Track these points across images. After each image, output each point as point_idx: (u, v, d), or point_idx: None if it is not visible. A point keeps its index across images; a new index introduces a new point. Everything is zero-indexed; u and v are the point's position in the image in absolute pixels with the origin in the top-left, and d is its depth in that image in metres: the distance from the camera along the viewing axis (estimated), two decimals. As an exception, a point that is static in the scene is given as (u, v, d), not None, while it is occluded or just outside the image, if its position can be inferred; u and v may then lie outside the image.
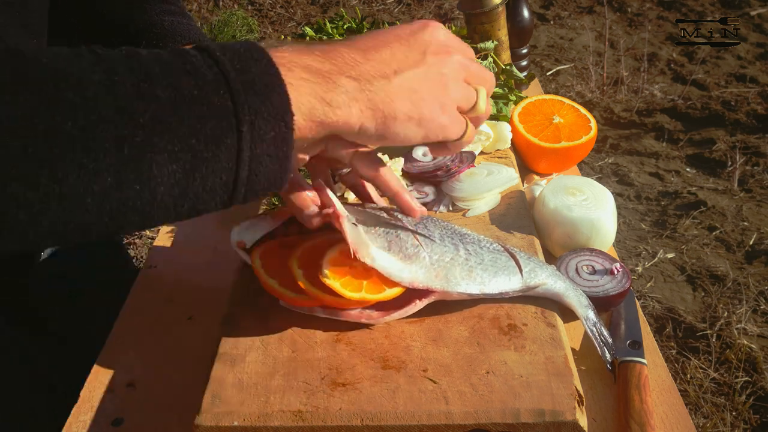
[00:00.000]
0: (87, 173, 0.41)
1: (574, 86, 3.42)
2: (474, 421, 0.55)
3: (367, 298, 0.62)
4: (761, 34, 3.91)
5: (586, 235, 0.79)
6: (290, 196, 0.63)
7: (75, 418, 0.66)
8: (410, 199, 0.68)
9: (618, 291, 0.73)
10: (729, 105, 3.22)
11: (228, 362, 0.61)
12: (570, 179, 0.85)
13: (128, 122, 0.41)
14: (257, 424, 0.56)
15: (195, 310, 0.80)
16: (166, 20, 0.84)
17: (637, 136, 3.08)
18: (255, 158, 0.46)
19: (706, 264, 2.34)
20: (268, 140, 0.46)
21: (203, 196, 0.46)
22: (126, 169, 0.42)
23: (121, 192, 0.42)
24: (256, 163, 0.46)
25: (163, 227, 0.96)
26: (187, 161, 0.44)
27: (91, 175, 0.41)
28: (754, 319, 2.12)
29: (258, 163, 0.47)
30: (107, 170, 0.41)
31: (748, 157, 2.86)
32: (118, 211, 0.43)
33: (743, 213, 2.57)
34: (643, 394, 0.63)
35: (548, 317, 0.65)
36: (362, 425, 0.56)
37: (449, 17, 4.12)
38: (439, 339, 0.63)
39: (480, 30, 1.07)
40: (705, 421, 1.80)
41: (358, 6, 4.31)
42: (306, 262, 0.65)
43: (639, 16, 4.17)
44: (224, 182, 0.46)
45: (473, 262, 0.67)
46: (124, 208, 0.43)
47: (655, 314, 2.15)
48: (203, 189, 0.45)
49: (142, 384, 0.70)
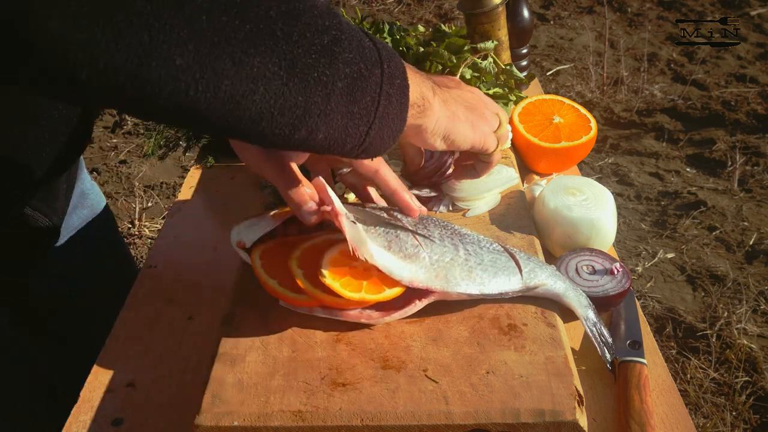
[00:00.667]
0: (275, 66, 0.48)
1: (574, 86, 3.42)
2: (474, 421, 0.55)
3: (366, 299, 0.62)
4: (761, 34, 3.91)
5: (586, 235, 0.79)
6: (288, 191, 0.63)
7: (75, 418, 0.66)
8: (410, 199, 0.69)
9: (618, 291, 0.73)
10: (729, 105, 3.22)
11: (228, 362, 0.61)
12: (570, 179, 0.85)
13: (327, 41, 0.51)
14: (257, 424, 0.56)
15: (195, 310, 0.80)
16: None
17: (637, 136, 3.08)
18: (386, 96, 0.56)
19: (706, 264, 2.34)
20: (396, 86, 0.57)
21: (352, 122, 0.55)
22: (305, 71, 0.50)
23: (293, 95, 0.50)
24: (386, 100, 0.56)
25: (164, 227, 0.96)
26: (350, 81, 0.53)
27: (278, 70, 0.48)
28: (754, 319, 2.12)
29: (388, 101, 0.56)
30: (291, 69, 0.49)
31: (748, 157, 2.86)
32: (282, 111, 0.50)
33: (743, 213, 2.57)
34: (643, 394, 0.63)
35: (548, 317, 0.65)
36: (362, 425, 0.56)
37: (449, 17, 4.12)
38: (439, 339, 0.63)
39: (480, 30, 1.06)
40: (705, 421, 1.80)
41: (358, 6, 4.30)
42: (306, 262, 0.65)
43: (639, 16, 4.17)
44: (366, 114, 0.55)
45: (473, 262, 0.67)
46: (290, 110, 0.50)
47: (655, 314, 2.15)
48: (353, 112, 0.54)
49: (142, 384, 0.70)
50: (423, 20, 4.13)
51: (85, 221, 0.96)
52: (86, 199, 0.97)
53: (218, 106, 0.47)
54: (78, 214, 0.95)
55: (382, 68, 0.56)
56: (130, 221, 2.63)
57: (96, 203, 0.99)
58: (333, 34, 0.52)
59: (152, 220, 2.65)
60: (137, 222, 2.61)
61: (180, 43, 0.42)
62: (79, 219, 0.95)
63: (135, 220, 2.63)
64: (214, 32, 0.44)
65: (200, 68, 0.44)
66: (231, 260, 0.87)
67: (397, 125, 0.59)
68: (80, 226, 0.95)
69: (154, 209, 2.72)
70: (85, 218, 0.96)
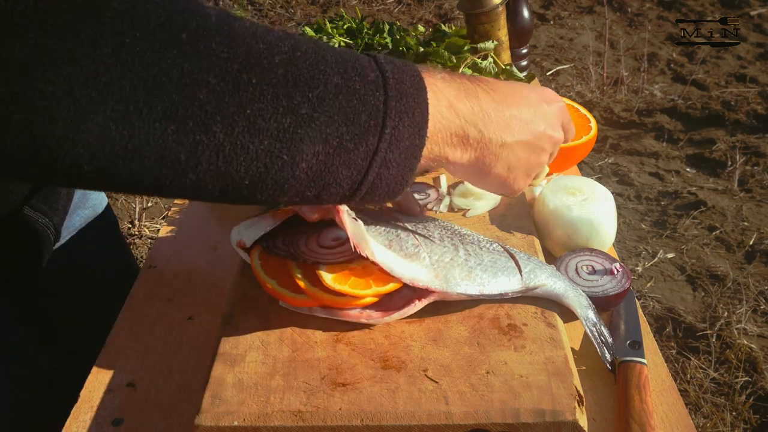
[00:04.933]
0: (250, 131, 0.43)
1: (574, 86, 3.42)
2: (474, 421, 0.55)
3: (380, 292, 0.63)
4: (761, 34, 3.91)
5: (586, 235, 0.79)
6: None
7: (75, 418, 0.66)
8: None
9: (618, 291, 0.73)
10: (729, 105, 3.22)
11: (228, 362, 0.61)
12: (570, 179, 0.85)
13: (300, 96, 0.44)
14: (257, 424, 0.56)
15: (195, 310, 0.80)
16: None
17: (637, 136, 3.08)
18: (385, 163, 0.49)
19: (706, 264, 2.34)
20: (402, 149, 0.50)
21: (331, 186, 0.48)
22: (283, 137, 0.44)
23: (270, 158, 0.44)
24: (384, 167, 0.49)
25: (164, 227, 0.96)
26: (332, 147, 0.46)
27: (253, 134, 0.43)
28: (754, 319, 2.12)
29: (386, 167, 0.50)
30: (267, 133, 0.43)
31: (748, 157, 2.86)
32: (259, 177, 0.45)
33: (743, 213, 2.57)
34: (643, 394, 0.63)
35: (548, 317, 0.65)
36: (362, 425, 0.56)
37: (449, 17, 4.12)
38: (439, 339, 0.63)
39: (480, 30, 1.06)
40: (705, 421, 1.80)
41: (358, 6, 4.30)
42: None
43: (639, 16, 4.17)
44: (353, 177, 0.49)
45: (473, 262, 0.67)
46: (266, 174, 0.45)
47: (655, 314, 2.15)
48: (334, 179, 0.48)
49: (142, 384, 0.70)
50: (423, 20, 4.13)
51: (86, 221, 0.96)
52: (88, 199, 0.97)
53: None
54: (80, 214, 0.95)
55: (386, 97, 0.49)
56: (130, 221, 2.63)
57: (98, 203, 0.99)
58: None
59: (152, 220, 2.65)
60: (137, 222, 2.61)
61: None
62: (81, 219, 0.95)
63: (135, 220, 2.63)
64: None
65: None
66: (231, 260, 0.87)
67: (410, 164, 0.51)
68: (81, 225, 0.95)
69: (154, 209, 2.72)
70: (86, 218, 0.96)
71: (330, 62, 0.46)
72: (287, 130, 0.44)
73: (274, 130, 0.44)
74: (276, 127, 0.44)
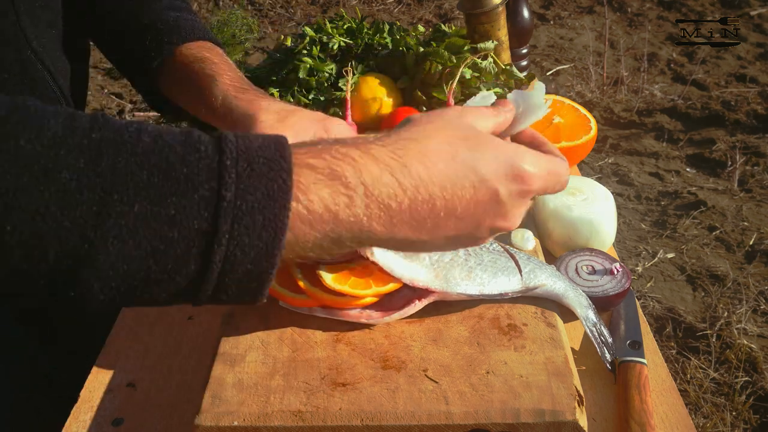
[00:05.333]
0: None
1: (574, 86, 3.42)
2: (474, 421, 0.55)
3: (380, 292, 0.63)
4: (761, 34, 3.91)
5: (586, 235, 0.79)
6: None
7: (75, 418, 0.66)
8: None
9: (618, 291, 0.73)
10: (729, 105, 3.22)
11: (228, 362, 0.61)
12: (570, 179, 0.85)
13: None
14: (257, 424, 0.56)
15: (195, 310, 0.80)
16: (171, 16, 0.85)
17: (637, 136, 3.08)
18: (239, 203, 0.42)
19: (706, 264, 2.34)
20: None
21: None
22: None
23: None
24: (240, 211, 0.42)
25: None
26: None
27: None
28: (754, 319, 2.12)
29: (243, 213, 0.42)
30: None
31: (748, 157, 2.86)
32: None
33: (743, 213, 2.57)
34: (643, 394, 0.63)
35: (548, 317, 0.65)
36: (362, 425, 0.56)
37: (449, 17, 4.12)
38: (439, 339, 0.63)
39: (480, 30, 1.06)
40: (705, 421, 1.80)
41: (358, 6, 4.30)
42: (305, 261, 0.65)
43: (639, 16, 4.17)
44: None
45: (473, 262, 0.67)
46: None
47: (655, 314, 2.15)
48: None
49: (142, 384, 0.70)
50: (423, 20, 4.13)
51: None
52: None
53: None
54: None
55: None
56: (130, 221, 2.63)
57: None
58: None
59: (152, 220, 2.65)
60: (137, 222, 2.61)
61: None
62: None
63: (135, 220, 2.62)
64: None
65: None
66: (231, 260, 0.87)
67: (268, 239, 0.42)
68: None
69: (154, 209, 2.72)
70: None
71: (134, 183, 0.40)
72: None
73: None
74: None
